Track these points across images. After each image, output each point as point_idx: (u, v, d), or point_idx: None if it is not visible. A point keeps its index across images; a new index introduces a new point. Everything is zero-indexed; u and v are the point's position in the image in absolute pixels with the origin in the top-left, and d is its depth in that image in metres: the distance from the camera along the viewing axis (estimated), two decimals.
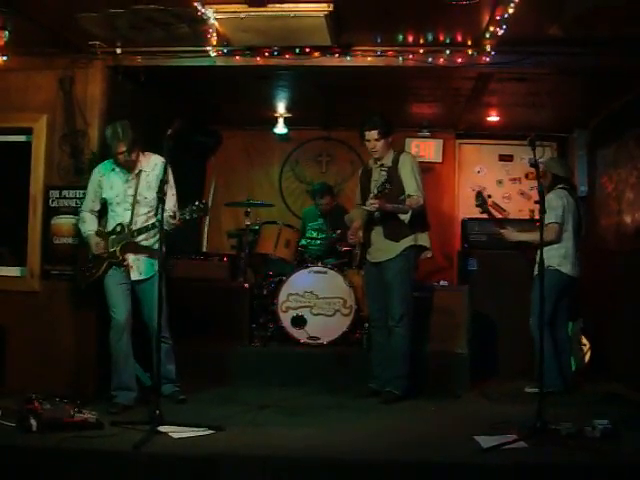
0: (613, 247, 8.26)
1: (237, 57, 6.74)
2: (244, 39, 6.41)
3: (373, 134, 6.64)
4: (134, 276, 6.07)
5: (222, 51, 6.69)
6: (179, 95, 8.23)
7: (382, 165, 6.62)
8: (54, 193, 6.93)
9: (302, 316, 7.76)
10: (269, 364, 7.46)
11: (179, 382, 6.45)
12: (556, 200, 6.87)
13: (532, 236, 6.83)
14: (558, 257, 6.89)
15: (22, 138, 7.17)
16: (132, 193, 6.09)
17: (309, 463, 4.70)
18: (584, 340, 7.63)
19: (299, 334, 7.75)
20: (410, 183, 6.59)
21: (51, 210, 6.93)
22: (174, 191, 6.23)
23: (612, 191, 8.31)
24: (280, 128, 9.53)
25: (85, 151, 6.89)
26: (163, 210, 5.48)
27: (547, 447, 4.92)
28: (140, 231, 6.04)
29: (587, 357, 7.68)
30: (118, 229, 6.12)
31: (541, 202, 5.49)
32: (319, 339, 7.71)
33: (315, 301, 7.80)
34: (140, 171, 6.18)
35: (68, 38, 6.64)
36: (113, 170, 6.23)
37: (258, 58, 6.74)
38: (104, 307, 6.23)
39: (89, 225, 6.29)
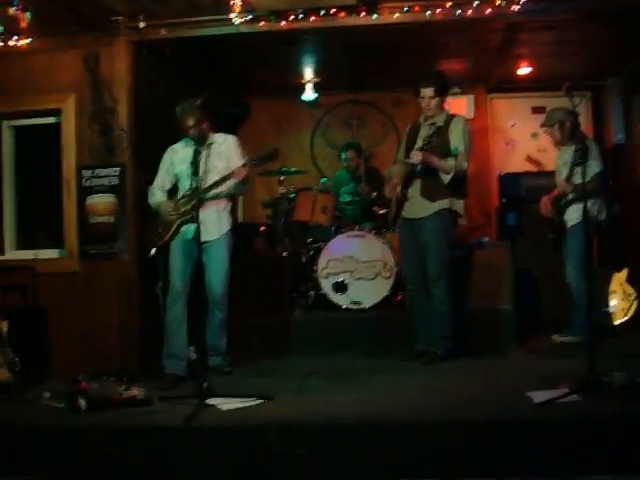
0: None
1: (261, 23, 6.66)
2: (268, 3, 6.35)
3: (428, 91, 6.49)
4: (202, 237, 6.00)
5: (246, 17, 6.60)
6: (206, 67, 8.16)
7: (433, 124, 6.50)
8: (87, 173, 6.92)
9: (343, 281, 7.70)
10: (312, 332, 7.43)
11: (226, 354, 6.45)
12: (597, 149, 6.70)
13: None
14: (598, 205, 6.76)
15: (51, 120, 7.18)
16: (203, 164, 6.10)
17: (359, 428, 4.65)
18: (630, 289, 7.49)
19: (341, 300, 7.70)
20: (458, 145, 6.45)
21: (85, 190, 6.93)
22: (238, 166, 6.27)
23: None
24: (309, 94, 9.44)
25: (115, 128, 6.87)
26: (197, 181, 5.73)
27: (600, 399, 4.83)
28: (210, 188, 6.12)
29: (634, 306, 7.56)
30: (188, 193, 6.20)
31: (583, 151, 5.39)
32: (361, 304, 7.65)
33: (355, 265, 7.73)
34: (211, 143, 6.31)
35: (90, 16, 6.61)
36: (185, 146, 6.33)
37: (283, 22, 6.65)
38: (151, 281, 6.29)
39: (159, 197, 6.40)
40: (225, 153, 6.32)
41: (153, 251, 6.39)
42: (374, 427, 4.64)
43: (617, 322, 7.38)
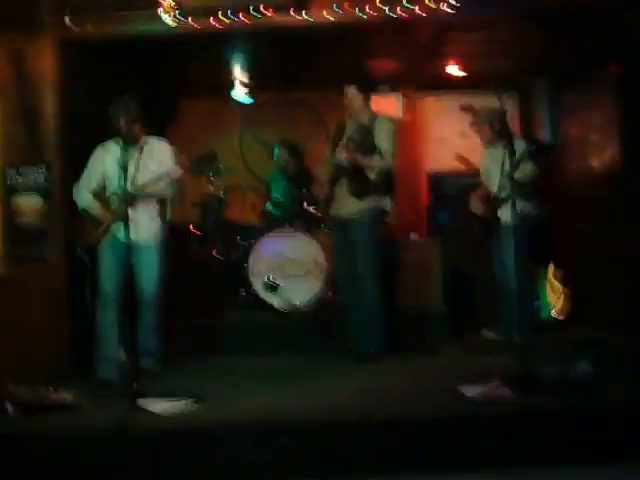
0: (579, 191, 8.27)
1: (190, 20, 6.58)
2: (197, 1, 6.28)
3: (351, 89, 6.55)
4: (132, 236, 5.81)
5: (176, 16, 6.53)
6: (135, 65, 8.04)
7: (358, 122, 6.54)
8: (11, 171, 6.75)
9: (274, 280, 7.66)
10: (244, 332, 7.38)
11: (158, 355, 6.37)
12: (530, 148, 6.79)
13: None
14: (532, 203, 6.84)
15: None
16: (134, 164, 6.08)
17: (295, 428, 4.65)
18: (558, 285, 7.63)
19: (272, 299, 7.64)
20: (383, 143, 6.52)
21: (9, 189, 6.76)
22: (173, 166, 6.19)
23: (577, 136, 8.31)
24: (239, 93, 9.37)
25: (41, 127, 6.72)
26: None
27: (532, 393, 4.90)
28: (142, 187, 6.06)
29: (562, 302, 7.69)
30: (118, 192, 6.03)
31: (525, 149, 5.48)
32: (293, 302, 7.62)
33: (286, 264, 7.68)
34: (144, 144, 6.27)
35: (15, 11, 6.47)
36: (116, 145, 6.17)
37: (212, 20, 6.58)
38: (84, 280, 6.18)
39: (85, 196, 6.29)
40: (157, 156, 6.26)
41: (79, 250, 6.30)
42: (306, 427, 4.64)
43: (547, 317, 7.51)
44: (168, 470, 4.50)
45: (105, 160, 6.28)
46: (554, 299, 7.75)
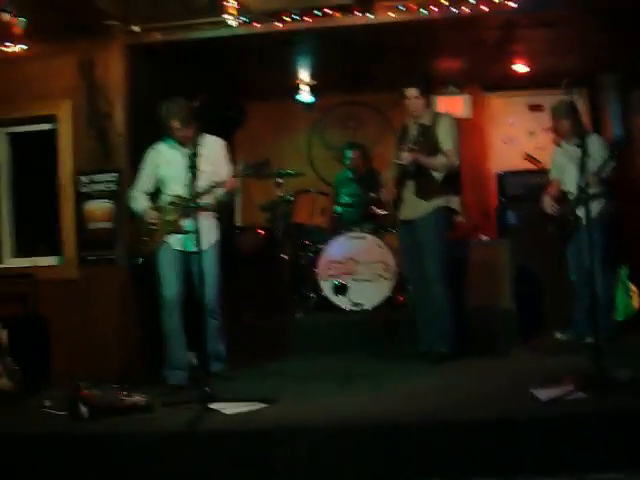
0: None
1: (257, 24, 6.63)
2: (263, 4, 6.32)
3: (413, 92, 6.51)
4: (189, 247, 5.91)
5: (241, 19, 6.57)
6: (202, 70, 8.11)
7: (420, 124, 6.50)
8: (84, 178, 6.90)
9: (344, 283, 7.67)
10: (313, 334, 7.40)
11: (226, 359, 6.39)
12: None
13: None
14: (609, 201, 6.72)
15: (47, 126, 7.15)
16: (190, 165, 5.82)
17: (362, 431, 4.62)
18: (632, 286, 7.47)
19: (342, 302, 7.67)
20: (446, 142, 6.46)
21: (82, 196, 6.90)
22: (228, 171, 6.17)
23: None
24: (305, 96, 9.40)
25: (111, 134, 6.84)
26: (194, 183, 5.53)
27: (607, 396, 4.80)
28: (198, 195, 5.82)
29: (636, 303, 7.53)
30: (175, 200, 6.06)
31: (584, 146, 5.33)
32: (363, 305, 7.62)
33: (356, 267, 7.70)
34: (197, 145, 5.99)
35: (84, 20, 6.59)
36: (170, 148, 6.20)
37: (278, 24, 6.62)
38: (150, 286, 6.20)
39: (142, 202, 6.24)
40: (212, 157, 6.15)
41: (140, 257, 6.33)
42: (375, 429, 4.60)
43: (621, 318, 7.36)
44: (236, 471, 4.51)
45: (159, 163, 6.23)
46: (629, 300, 7.59)
